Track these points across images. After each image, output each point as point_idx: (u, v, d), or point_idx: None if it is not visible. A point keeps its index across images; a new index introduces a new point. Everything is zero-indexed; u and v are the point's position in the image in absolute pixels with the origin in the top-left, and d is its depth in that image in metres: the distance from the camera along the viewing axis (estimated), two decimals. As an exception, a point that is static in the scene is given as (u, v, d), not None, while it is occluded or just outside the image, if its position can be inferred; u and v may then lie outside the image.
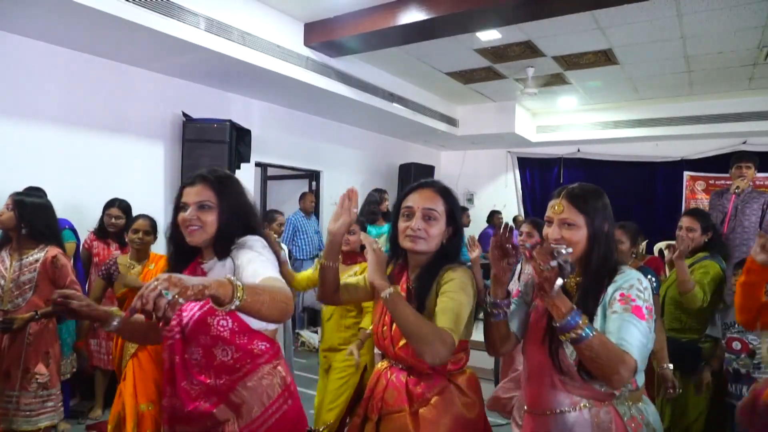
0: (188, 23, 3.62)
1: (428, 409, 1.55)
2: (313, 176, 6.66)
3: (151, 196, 4.34)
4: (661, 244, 5.37)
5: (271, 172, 6.42)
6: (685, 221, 2.91)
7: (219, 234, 1.55)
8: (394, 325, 1.57)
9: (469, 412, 1.58)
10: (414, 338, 1.40)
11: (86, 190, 3.86)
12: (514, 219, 8.08)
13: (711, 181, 7.32)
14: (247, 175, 5.25)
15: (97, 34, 3.59)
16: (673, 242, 2.94)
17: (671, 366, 2.55)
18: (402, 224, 1.63)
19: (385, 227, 4.90)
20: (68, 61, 3.90)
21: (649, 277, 2.65)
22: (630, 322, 1.36)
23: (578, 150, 8.30)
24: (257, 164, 5.65)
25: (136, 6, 3.29)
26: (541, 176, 8.71)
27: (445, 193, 1.71)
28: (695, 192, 7.37)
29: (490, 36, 4.71)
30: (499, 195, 8.80)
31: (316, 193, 6.66)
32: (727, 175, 6.94)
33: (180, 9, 3.55)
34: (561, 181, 8.49)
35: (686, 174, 7.41)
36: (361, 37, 4.37)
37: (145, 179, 4.46)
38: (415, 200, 1.64)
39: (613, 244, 1.55)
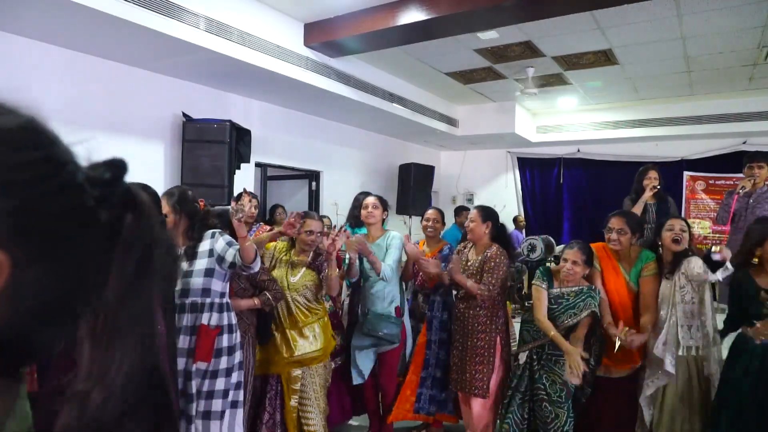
0: (188, 23, 3.62)
1: None
2: (313, 176, 6.66)
3: (151, 196, 4.33)
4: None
5: (271, 172, 6.42)
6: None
7: None
8: None
9: None
10: None
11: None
12: (515, 219, 8.09)
13: (711, 181, 7.32)
14: (247, 175, 5.26)
15: (97, 34, 3.59)
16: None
17: None
18: None
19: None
20: (68, 61, 3.90)
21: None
22: None
23: (578, 150, 8.30)
24: (257, 164, 5.65)
25: (136, 6, 3.29)
26: (541, 176, 8.71)
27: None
28: (695, 192, 7.37)
29: (489, 36, 4.71)
30: (499, 195, 8.79)
31: (316, 193, 6.67)
32: (727, 175, 7.03)
33: (180, 9, 3.56)
34: (561, 181, 8.49)
35: (686, 174, 7.41)
36: (361, 37, 4.38)
37: (145, 179, 4.43)
38: None
39: None
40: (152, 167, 4.56)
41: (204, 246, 2.59)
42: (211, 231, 2.63)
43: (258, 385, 3.04)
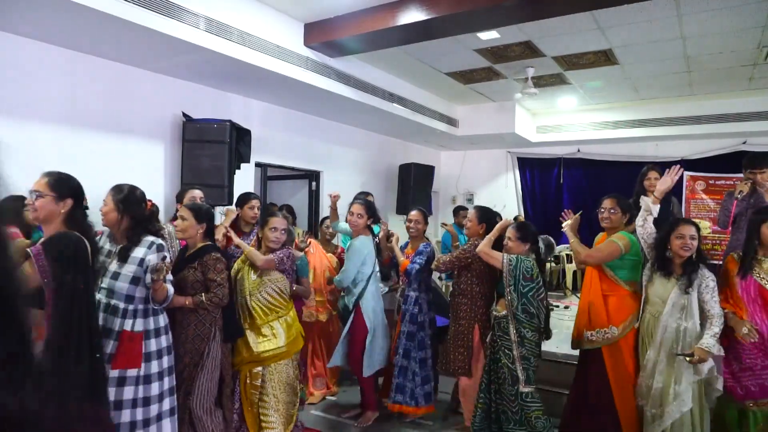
0: (188, 23, 3.62)
1: None
2: (313, 176, 6.65)
3: (150, 197, 4.32)
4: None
5: (271, 172, 6.42)
6: None
7: None
8: None
9: None
10: None
11: (86, 191, 3.86)
12: (515, 219, 8.08)
13: (711, 181, 7.31)
14: (247, 175, 5.26)
15: (97, 34, 3.59)
16: None
17: None
18: None
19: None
20: (68, 61, 3.90)
21: None
22: None
23: (578, 150, 8.30)
24: (257, 164, 5.65)
25: (136, 6, 3.29)
26: (541, 176, 8.71)
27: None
28: (695, 192, 7.36)
29: (489, 36, 4.71)
30: (499, 195, 8.80)
31: (316, 193, 6.66)
32: (727, 175, 7.03)
33: (180, 9, 3.55)
34: (561, 181, 8.49)
35: (686, 174, 7.40)
36: (361, 37, 4.37)
37: (145, 179, 4.44)
38: None
39: None
40: (152, 167, 4.56)
41: (138, 252, 2.49)
42: (151, 239, 2.54)
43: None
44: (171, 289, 2.55)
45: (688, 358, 2.73)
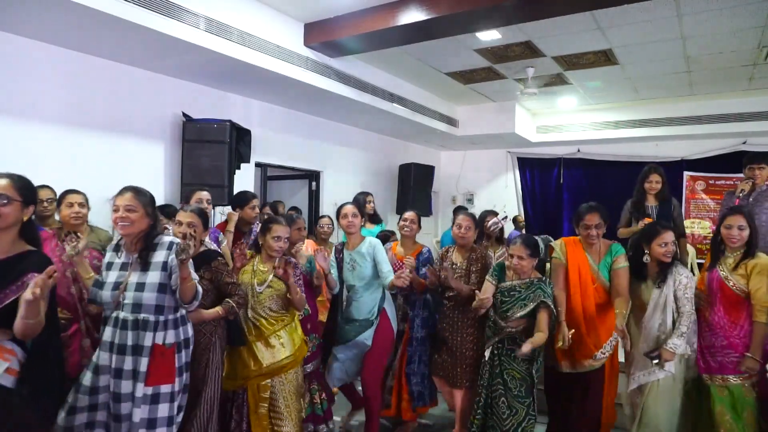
0: (188, 23, 3.62)
1: None
2: (313, 176, 6.66)
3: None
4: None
5: (271, 172, 6.42)
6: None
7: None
8: None
9: None
10: None
11: (86, 191, 3.86)
12: (514, 219, 8.09)
13: (711, 181, 7.32)
14: (247, 176, 5.26)
15: (97, 34, 3.59)
16: None
17: None
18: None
19: (375, 229, 4.88)
20: (68, 61, 3.90)
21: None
22: None
23: (578, 150, 8.30)
24: (257, 164, 5.65)
25: (136, 6, 3.29)
26: (541, 176, 8.71)
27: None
28: (695, 192, 7.37)
29: (490, 36, 4.71)
30: (499, 195, 8.80)
31: (316, 193, 6.66)
32: (727, 175, 7.02)
33: (180, 9, 3.56)
34: (561, 181, 8.49)
35: (686, 174, 7.41)
36: (361, 37, 4.38)
37: (145, 179, 4.45)
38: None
39: None
40: (152, 167, 4.56)
41: (159, 256, 2.30)
42: (169, 239, 2.34)
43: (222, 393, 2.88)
44: (199, 286, 2.37)
45: (655, 361, 2.81)
